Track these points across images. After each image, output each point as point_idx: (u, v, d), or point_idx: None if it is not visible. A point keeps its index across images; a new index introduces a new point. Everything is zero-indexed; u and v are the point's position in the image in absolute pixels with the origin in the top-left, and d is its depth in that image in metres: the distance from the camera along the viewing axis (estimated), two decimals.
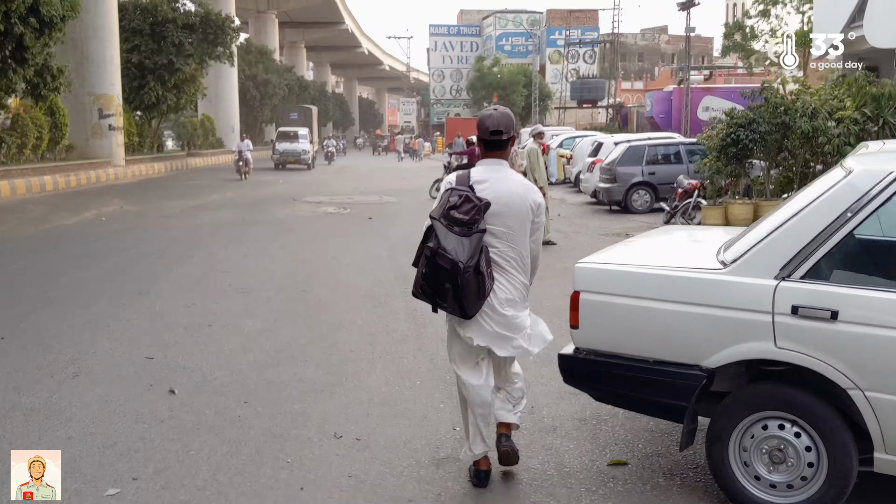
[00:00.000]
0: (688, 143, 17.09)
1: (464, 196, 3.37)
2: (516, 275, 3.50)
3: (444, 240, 3.35)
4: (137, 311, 7.16)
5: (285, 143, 35.75)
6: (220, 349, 5.88)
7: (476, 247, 3.33)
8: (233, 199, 19.77)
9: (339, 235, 12.82)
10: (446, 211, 3.36)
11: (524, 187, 3.55)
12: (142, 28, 32.23)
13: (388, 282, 8.67)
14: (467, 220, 3.31)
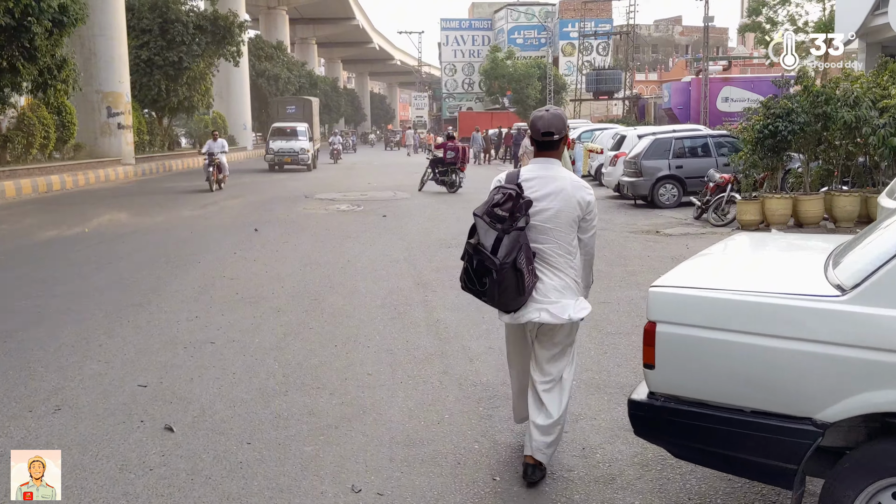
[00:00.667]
0: (716, 136, 16.32)
1: (507, 194, 3.45)
2: (566, 270, 3.54)
3: (484, 236, 3.46)
4: (135, 325, 6.55)
5: (281, 141, 30.73)
6: (222, 373, 5.25)
7: (513, 244, 3.38)
8: (244, 198, 19.18)
9: (353, 235, 12.19)
10: (490, 208, 3.47)
11: (573, 185, 3.56)
12: (151, 27, 31.81)
13: (406, 289, 8.02)
14: (507, 217, 3.40)
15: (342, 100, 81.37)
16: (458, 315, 6.83)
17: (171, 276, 8.84)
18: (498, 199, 3.48)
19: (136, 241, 11.77)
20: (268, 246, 11.10)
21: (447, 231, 12.53)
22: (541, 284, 3.48)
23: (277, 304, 7.33)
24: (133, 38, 31.98)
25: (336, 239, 11.83)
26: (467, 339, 6.07)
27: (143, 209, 16.49)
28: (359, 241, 11.51)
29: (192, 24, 32.33)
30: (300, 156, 30.13)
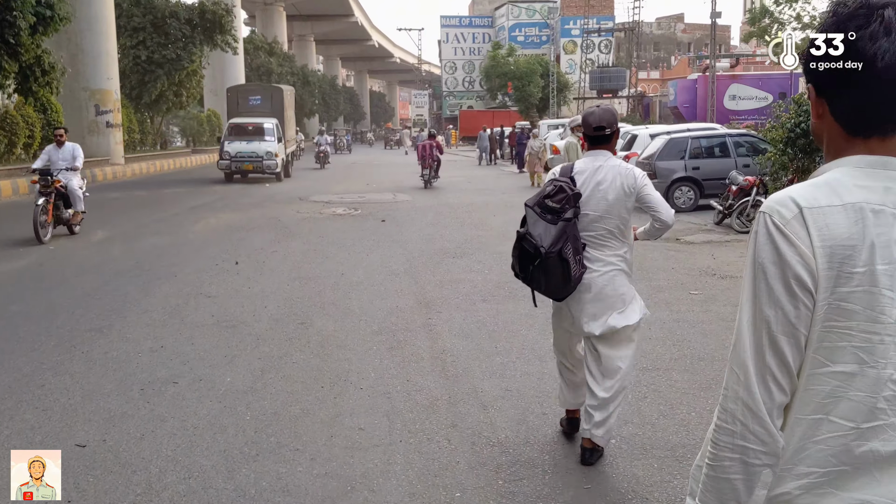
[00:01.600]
0: (735, 135, 15.37)
1: (558, 186, 3.61)
2: (616, 246, 3.71)
3: (533, 226, 3.57)
4: (88, 358, 5.60)
5: (240, 142, 23.26)
6: (181, 426, 4.30)
7: (560, 234, 3.50)
8: (234, 200, 18.23)
9: (349, 243, 11.24)
10: (541, 199, 3.61)
11: (620, 173, 3.68)
12: (143, 25, 30.93)
13: (407, 309, 7.07)
14: (558, 209, 3.54)
15: (341, 98, 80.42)
16: (466, 344, 5.88)
17: (141, 292, 7.88)
18: (549, 191, 3.62)
19: (108, 250, 10.81)
20: (254, 256, 10.15)
21: (451, 238, 11.58)
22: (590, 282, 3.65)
23: (258, 329, 6.38)
24: (126, 37, 31.09)
25: (330, 247, 10.88)
26: (479, 376, 5.12)
27: (124, 212, 15.53)
28: (354, 251, 10.56)
29: (183, 18, 31.46)
30: (266, 161, 22.86)
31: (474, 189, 20.71)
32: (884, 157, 1.28)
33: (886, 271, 1.23)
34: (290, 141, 27.81)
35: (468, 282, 8.30)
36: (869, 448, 1.25)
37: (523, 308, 7.01)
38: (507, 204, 16.50)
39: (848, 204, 1.25)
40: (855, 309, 1.23)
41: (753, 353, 1.29)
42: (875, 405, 1.24)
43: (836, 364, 1.26)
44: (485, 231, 12.37)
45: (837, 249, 1.24)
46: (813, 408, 1.28)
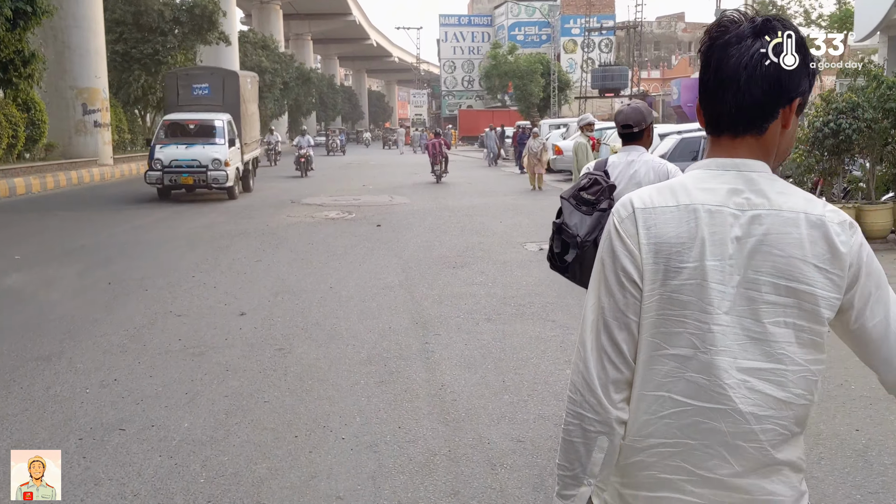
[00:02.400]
0: None
1: (593, 179, 3.76)
2: None
3: (569, 217, 3.70)
4: (27, 395, 4.77)
5: (177, 147, 17.70)
6: (119, 493, 3.47)
7: (595, 224, 3.59)
8: (222, 203, 17.39)
9: (341, 251, 10.42)
10: (576, 192, 3.75)
11: (652, 166, 3.80)
12: (124, 18, 30.15)
13: (401, 331, 6.25)
14: (593, 200, 3.67)
15: (338, 97, 79.62)
16: (469, 377, 5.06)
17: (104, 310, 7.05)
18: (584, 184, 3.75)
19: (78, 260, 9.98)
20: (236, 266, 9.32)
21: (451, 245, 10.76)
22: None
23: (229, 357, 5.55)
24: (107, 30, 30.27)
25: (319, 256, 10.05)
26: (484, 422, 4.30)
27: (102, 217, 14.70)
28: (346, 260, 9.73)
29: (169, 16, 30.66)
30: (212, 172, 17.07)
31: (475, 191, 19.90)
32: (734, 159, 1.37)
33: (717, 267, 1.33)
34: (251, 144, 21.54)
35: (470, 297, 7.48)
36: (712, 427, 1.35)
37: (533, 329, 6.19)
38: (510, 207, 15.68)
39: (682, 205, 1.36)
40: (687, 300, 1.34)
41: (592, 333, 1.42)
42: (712, 388, 1.34)
43: (673, 348, 1.37)
44: (487, 237, 11.55)
45: (664, 246, 1.35)
46: (655, 385, 1.39)
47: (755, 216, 1.33)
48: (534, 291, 7.69)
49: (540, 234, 11.69)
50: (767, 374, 1.33)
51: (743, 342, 1.33)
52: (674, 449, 1.38)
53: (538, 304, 7.13)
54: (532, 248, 10.53)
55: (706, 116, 1.40)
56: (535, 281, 8.22)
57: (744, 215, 1.33)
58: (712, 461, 1.36)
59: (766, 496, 1.36)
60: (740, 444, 1.34)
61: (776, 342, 1.32)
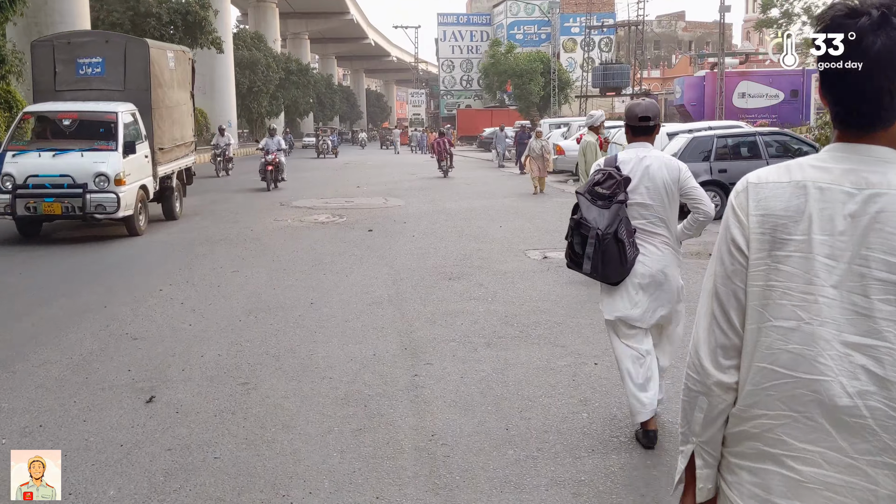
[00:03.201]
0: (766, 134, 13.70)
1: (607, 174, 3.77)
2: (663, 233, 3.79)
3: (587, 212, 3.74)
4: None
5: (40, 155, 11.47)
6: None
7: (614, 216, 3.66)
8: (207, 204, 16.55)
9: (328, 259, 9.58)
10: (591, 187, 3.78)
11: (663, 162, 3.80)
12: (122, 21, 29.23)
13: (388, 359, 5.40)
14: (608, 194, 3.69)
15: (336, 97, 78.77)
16: (466, 422, 4.21)
17: (49, 332, 6.20)
18: (598, 179, 3.78)
19: (38, 271, 9.13)
20: (210, 277, 8.48)
21: (447, 253, 9.91)
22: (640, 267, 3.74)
23: (182, 395, 4.70)
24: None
25: (303, 265, 9.20)
26: (485, 490, 3.44)
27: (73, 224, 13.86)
28: (332, 270, 8.88)
29: (166, 19, 29.83)
30: (94, 196, 11.22)
31: (474, 193, 19.06)
32: (856, 143, 1.38)
33: (825, 241, 1.35)
34: (174, 149, 14.66)
35: (467, 315, 6.64)
36: (814, 399, 1.34)
37: (540, 357, 5.36)
38: (511, 210, 14.83)
39: (793, 181, 1.41)
40: (793, 271, 1.38)
41: (706, 298, 1.51)
42: (815, 359, 1.34)
43: (777, 319, 1.39)
44: (486, 244, 10.71)
45: (770, 218, 1.41)
46: (760, 356, 1.41)
47: (872, 195, 1.34)
48: (539, 308, 6.85)
49: (543, 241, 10.85)
50: (870, 350, 1.32)
51: (849, 316, 1.34)
52: (776, 422, 1.40)
53: (545, 324, 6.29)
54: (535, 256, 9.69)
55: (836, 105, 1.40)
56: (540, 295, 7.38)
57: (860, 193, 1.34)
58: (814, 434, 1.35)
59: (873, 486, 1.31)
60: (844, 419, 1.32)
61: (883, 319, 1.31)
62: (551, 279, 8.15)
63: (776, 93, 35.84)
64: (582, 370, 5.09)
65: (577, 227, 3.76)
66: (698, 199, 3.80)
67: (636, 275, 3.75)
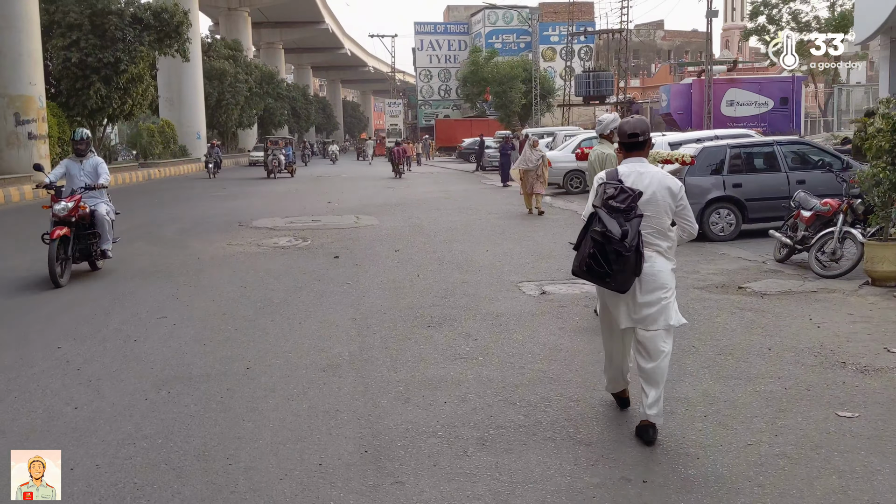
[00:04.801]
0: (785, 143, 12.20)
1: (619, 188, 3.92)
2: (661, 243, 4.07)
3: (609, 223, 3.82)
4: None
5: None
6: None
7: (636, 229, 3.84)
8: (158, 224, 14.78)
9: (279, 299, 7.88)
10: (605, 201, 3.91)
11: (662, 177, 4.10)
12: (80, 22, 27.28)
13: (339, 474, 3.71)
14: (624, 208, 3.84)
15: (312, 108, 76.95)
16: None
17: None
18: (612, 193, 3.91)
19: None
20: (128, 328, 6.74)
21: (425, 288, 8.25)
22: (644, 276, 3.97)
23: None
24: (58, 35, 27.48)
25: (248, 309, 7.49)
26: None
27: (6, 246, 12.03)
28: (283, 315, 7.19)
29: (130, 17, 27.87)
30: None
31: (454, 207, 17.44)
32: None
33: None
34: None
35: (452, 386, 4.99)
36: None
37: (558, 465, 3.72)
38: (497, 229, 13.21)
39: None
40: None
41: None
42: None
43: None
44: (471, 274, 9.07)
45: None
46: None
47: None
48: (547, 374, 5.21)
49: (538, 270, 9.24)
50: None
51: None
52: None
53: (557, 402, 4.65)
54: (531, 290, 8.06)
55: None
56: (546, 352, 5.74)
57: None
58: None
59: None
60: None
61: None
62: (555, 326, 6.52)
63: (765, 100, 34.71)
64: (625, 494, 3.45)
65: (605, 241, 3.83)
66: (687, 220, 4.15)
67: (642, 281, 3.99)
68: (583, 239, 3.99)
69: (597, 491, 3.50)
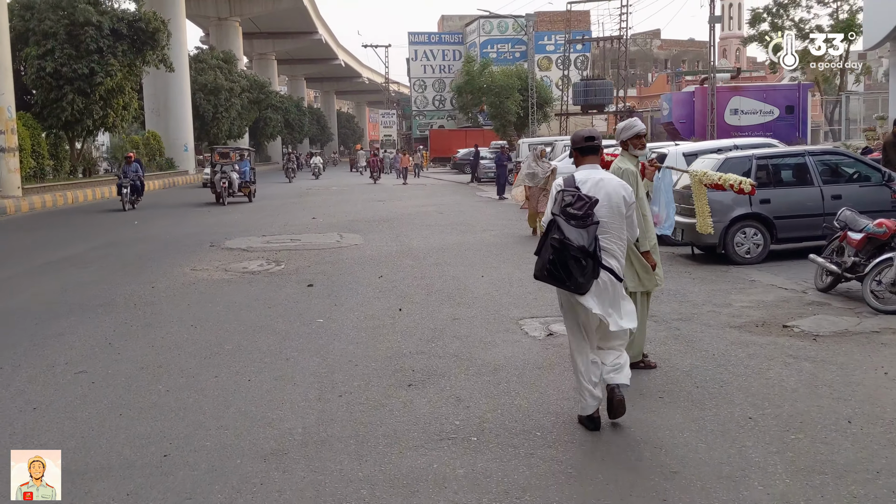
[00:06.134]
0: (818, 154, 10.89)
1: (576, 195, 4.12)
2: (617, 250, 4.28)
3: (568, 232, 4.03)
4: None
5: None
6: None
7: (592, 236, 4.07)
8: (121, 243, 13.43)
9: (230, 346, 6.53)
10: (563, 208, 4.10)
11: (616, 184, 4.34)
12: (55, 30, 25.98)
13: None
14: (581, 215, 4.05)
15: (305, 119, 75.74)
16: None
17: None
18: (569, 200, 4.11)
19: None
20: (35, 387, 5.37)
21: (409, 328, 6.90)
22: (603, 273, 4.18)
23: None
24: (33, 43, 26.20)
25: (191, 359, 6.13)
26: None
27: None
28: (231, 368, 5.83)
29: (108, 27, 26.55)
30: None
31: (447, 223, 16.12)
32: None
33: None
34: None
35: (435, 486, 3.65)
36: None
37: None
38: (493, 250, 11.89)
39: None
40: None
41: None
42: None
43: None
44: (464, 308, 7.73)
45: None
46: None
47: None
48: (562, 465, 3.87)
49: (541, 300, 7.90)
50: None
51: None
52: None
53: None
54: (535, 331, 6.73)
55: None
56: (558, 427, 4.40)
57: None
58: None
59: None
60: None
61: None
62: (567, 385, 5.16)
63: (770, 108, 33.42)
64: None
65: (562, 248, 4.02)
66: (631, 227, 4.42)
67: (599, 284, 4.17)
68: (542, 245, 4.16)
69: None
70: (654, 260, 5.40)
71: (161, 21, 28.25)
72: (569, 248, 3.98)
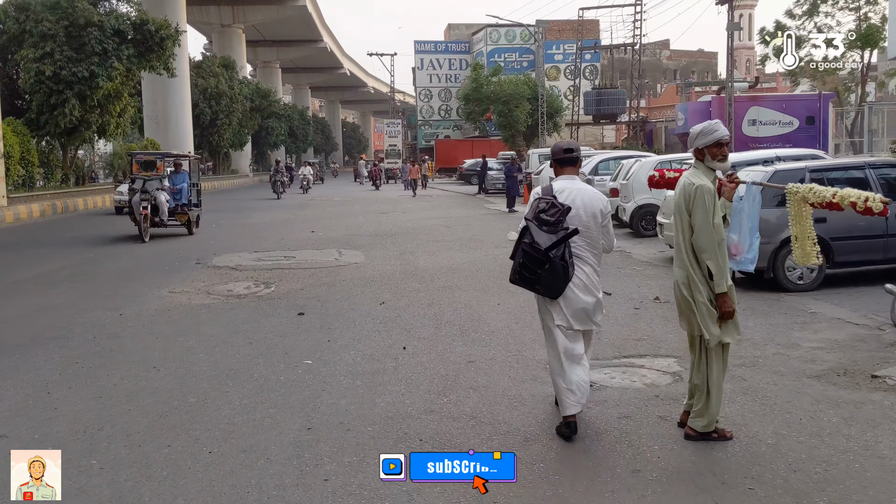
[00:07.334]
0: (879, 166, 9.63)
1: (549, 202, 4.29)
2: (592, 262, 4.39)
3: (537, 236, 4.24)
4: None
5: None
6: None
7: (560, 241, 4.20)
8: (99, 259, 12.26)
9: (197, 395, 5.33)
10: (537, 214, 4.28)
11: (593, 196, 4.43)
12: (54, 32, 24.91)
13: None
14: (553, 221, 4.21)
15: (310, 128, 74.81)
16: None
17: None
18: (543, 207, 4.28)
19: None
20: None
21: (413, 377, 5.66)
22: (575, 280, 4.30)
23: None
24: (29, 45, 25.14)
25: (141, 420, 4.89)
26: None
27: None
28: (190, 432, 4.60)
29: (112, 29, 25.46)
30: None
31: (455, 238, 14.92)
32: None
33: None
34: None
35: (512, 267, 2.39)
36: None
37: None
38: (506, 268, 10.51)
39: None
40: None
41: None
42: None
43: None
44: (480, 347, 6.51)
45: None
46: None
47: None
48: None
49: None
50: None
51: None
52: None
53: None
54: None
55: None
56: None
57: None
58: None
59: None
60: None
61: None
62: (627, 468, 3.92)
63: (790, 119, 32.18)
64: None
65: (532, 251, 4.21)
66: (606, 239, 4.45)
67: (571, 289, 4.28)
68: (516, 250, 4.38)
69: None
70: (731, 305, 4.19)
71: (175, 30, 27.26)
72: (538, 251, 4.18)
